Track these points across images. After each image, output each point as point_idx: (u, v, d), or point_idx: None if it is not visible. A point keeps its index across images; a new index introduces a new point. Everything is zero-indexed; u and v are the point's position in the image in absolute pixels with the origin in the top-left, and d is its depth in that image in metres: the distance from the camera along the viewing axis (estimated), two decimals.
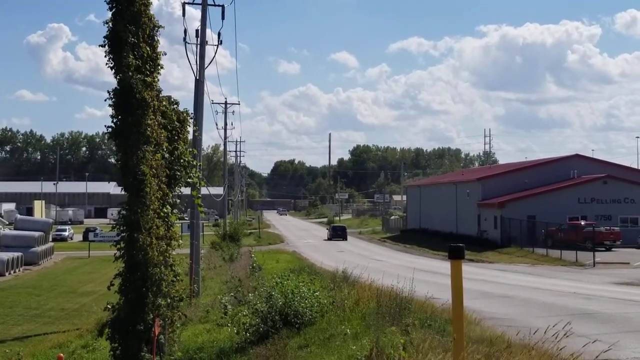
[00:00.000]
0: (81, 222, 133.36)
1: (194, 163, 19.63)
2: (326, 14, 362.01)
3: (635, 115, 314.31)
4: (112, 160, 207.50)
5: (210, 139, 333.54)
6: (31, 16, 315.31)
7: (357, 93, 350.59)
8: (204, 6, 33.92)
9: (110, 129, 16.28)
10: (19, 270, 50.95)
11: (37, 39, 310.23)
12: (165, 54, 17.94)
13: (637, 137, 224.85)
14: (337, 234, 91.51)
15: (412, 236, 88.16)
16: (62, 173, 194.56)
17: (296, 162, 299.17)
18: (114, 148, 19.81)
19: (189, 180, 19.66)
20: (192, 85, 33.26)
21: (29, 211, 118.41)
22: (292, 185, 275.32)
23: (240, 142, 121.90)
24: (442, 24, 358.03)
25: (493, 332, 18.29)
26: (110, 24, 16.58)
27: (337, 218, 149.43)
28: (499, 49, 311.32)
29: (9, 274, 48.74)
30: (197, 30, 33.63)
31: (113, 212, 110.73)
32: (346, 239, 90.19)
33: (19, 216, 76.90)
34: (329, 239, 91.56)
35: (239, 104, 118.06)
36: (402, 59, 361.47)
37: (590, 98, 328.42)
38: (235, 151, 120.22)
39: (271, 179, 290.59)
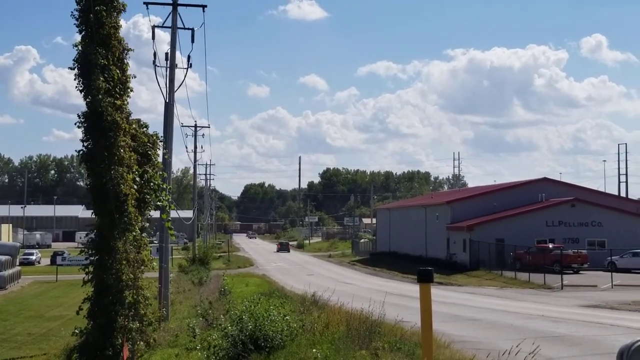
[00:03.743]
0: (49, 246, 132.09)
1: (164, 186, 19.60)
2: (295, 37, 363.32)
3: (602, 138, 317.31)
4: (81, 183, 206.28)
5: (179, 162, 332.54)
6: None
7: (326, 116, 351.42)
8: (174, 29, 33.94)
9: (81, 153, 16.22)
10: None
11: (4, 61, 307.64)
12: (135, 77, 17.97)
13: (604, 161, 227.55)
14: (283, 248, 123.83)
15: (382, 259, 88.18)
16: (30, 196, 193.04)
17: (266, 185, 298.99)
18: (83, 171, 19.80)
19: (158, 203, 19.61)
20: (160, 107, 33.30)
21: None
22: (262, 209, 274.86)
23: (210, 165, 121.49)
24: (410, 47, 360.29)
25: (462, 355, 18.37)
26: (80, 47, 16.57)
27: (307, 241, 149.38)
28: (466, 73, 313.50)
29: None
30: (166, 54, 33.64)
31: (81, 235, 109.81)
32: (289, 252, 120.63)
33: None
34: (277, 251, 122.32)
35: (209, 127, 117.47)
36: (371, 83, 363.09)
37: (557, 121, 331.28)
38: (205, 174, 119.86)
39: (241, 202, 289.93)
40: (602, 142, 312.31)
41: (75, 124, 16.35)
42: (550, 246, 61.51)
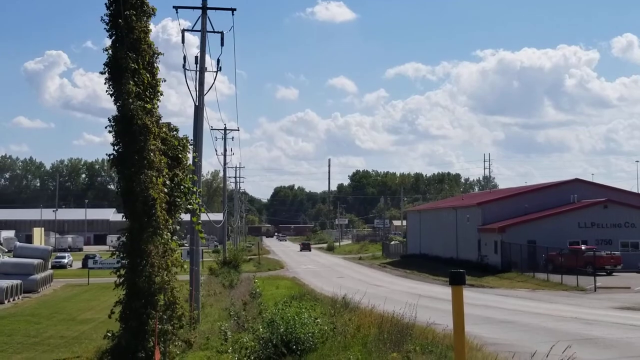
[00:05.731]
0: (80, 249, 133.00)
1: (194, 189, 19.62)
2: (323, 39, 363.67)
3: (635, 139, 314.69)
4: (112, 187, 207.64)
5: (209, 165, 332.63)
6: (29, 43, 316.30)
7: (355, 118, 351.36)
8: (203, 33, 34.01)
9: (112, 156, 16.27)
10: (18, 298, 50.74)
11: (35, 65, 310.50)
12: (165, 81, 17.99)
13: (637, 161, 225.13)
14: (305, 247, 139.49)
15: (413, 261, 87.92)
16: (62, 200, 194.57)
17: (296, 187, 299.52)
18: (113, 175, 19.90)
19: (189, 206, 19.63)
20: (190, 110, 33.39)
21: (29, 238, 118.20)
22: (292, 211, 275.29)
23: (239, 168, 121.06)
24: (439, 48, 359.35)
25: (495, 357, 18.20)
26: (110, 51, 16.63)
27: (337, 244, 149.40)
28: (496, 74, 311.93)
29: (8, 301, 48.55)
30: (196, 57, 33.71)
31: (112, 238, 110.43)
32: (310, 250, 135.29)
33: (18, 244, 76.69)
34: (300, 250, 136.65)
35: (238, 130, 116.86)
36: (400, 84, 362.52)
37: (589, 122, 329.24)
38: (235, 177, 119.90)
39: (271, 205, 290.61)
40: (634, 142, 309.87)
41: (105, 127, 16.42)
42: (583, 248, 61.01)
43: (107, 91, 16.58)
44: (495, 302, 41.58)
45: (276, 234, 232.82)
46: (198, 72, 33.58)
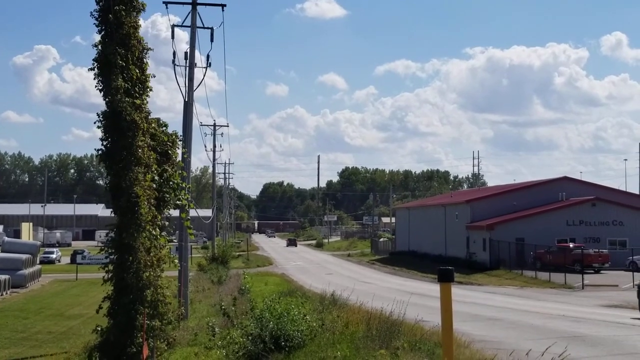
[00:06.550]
0: (69, 245, 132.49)
1: (183, 185, 19.59)
2: (313, 35, 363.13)
3: (623, 137, 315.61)
4: (101, 182, 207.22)
5: (198, 160, 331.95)
6: (17, 37, 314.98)
7: (344, 115, 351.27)
8: (193, 29, 33.98)
9: (100, 152, 16.22)
10: (6, 293, 50.58)
11: (24, 60, 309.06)
12: (154, 76, 17.94)
13: (625, 160, 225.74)
14: (291, 242, 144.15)
15: (401, 258, 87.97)
16: (50, 195, 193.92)
17: (285, 184, 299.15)
18: (102, 170, 19.83)
19: (177, 202, 19.60)
20: (179, 106, 33.54)
21: (17, 233, 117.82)
22: (281, 207, 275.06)
23: (228, 164, 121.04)
24: (429, 46, 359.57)
25: (482, 354, 18.28)
26: (99, 46, 16.57)
27: (326, 240, 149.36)
28: (486, 71, 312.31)
29: None
30: (185, 53, 33.68)
31: (101, 234, 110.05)
32: (296, 246, 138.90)
33: (6, 238, 76.42)
34: (287, 246, 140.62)
35: (228, 126, 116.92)
36: (390, 81, 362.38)
37: (577, 120, 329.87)
38: (224, 173, 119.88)
39: (260, 201, 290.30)
40: (623, 140, 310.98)
41: (94, 123, 16.36)
42: (571, 246, 61.13)
43: (96, 87, 16.53)
44: (483, 300, 41.69)
45: (256, 230, 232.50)
46: (187, 68, 33.56)
